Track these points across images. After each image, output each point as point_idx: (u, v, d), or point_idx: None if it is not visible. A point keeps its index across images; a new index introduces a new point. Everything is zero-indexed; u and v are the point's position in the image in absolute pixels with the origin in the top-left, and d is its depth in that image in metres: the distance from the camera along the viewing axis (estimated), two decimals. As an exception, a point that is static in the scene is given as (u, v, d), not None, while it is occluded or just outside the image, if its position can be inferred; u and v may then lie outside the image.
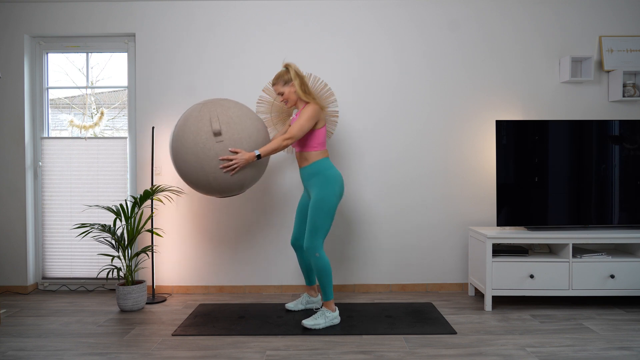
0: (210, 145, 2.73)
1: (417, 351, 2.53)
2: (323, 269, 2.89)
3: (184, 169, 2.82)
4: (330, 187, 2.92)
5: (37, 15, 3.73)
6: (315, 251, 2.89)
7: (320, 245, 2.90)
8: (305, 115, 2.89)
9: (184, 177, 2.87)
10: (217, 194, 2.90)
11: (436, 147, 3.72)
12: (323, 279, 2.90)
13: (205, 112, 2.79)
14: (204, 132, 2.74)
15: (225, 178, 2.78)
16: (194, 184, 2.86)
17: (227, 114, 2.80)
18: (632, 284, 3.19)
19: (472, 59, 3.71)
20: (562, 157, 3.38)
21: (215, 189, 2.84)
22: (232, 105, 2.89)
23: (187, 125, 2.80)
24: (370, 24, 3.70)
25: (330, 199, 2.91)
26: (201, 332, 2.84)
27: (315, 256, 2.88)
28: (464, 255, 3.73)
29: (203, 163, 2.74)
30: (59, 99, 3.92)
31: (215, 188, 2.83)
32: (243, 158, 2.77)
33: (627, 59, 3.67)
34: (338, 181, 2.96)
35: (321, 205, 2.90)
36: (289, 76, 2.99)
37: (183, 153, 2.78)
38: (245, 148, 2.80)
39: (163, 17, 3.71)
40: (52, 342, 2.71)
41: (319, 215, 2.89)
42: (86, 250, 3.84)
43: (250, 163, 2.84)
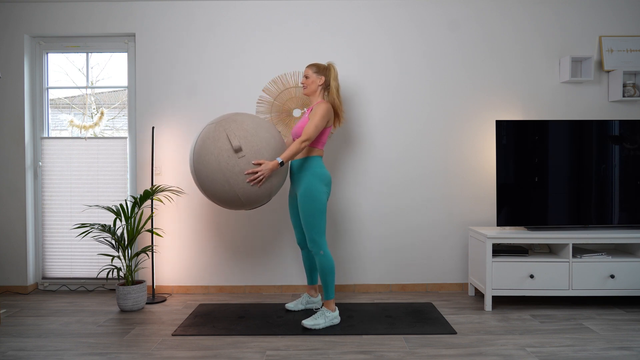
0: (234, 162, 2.76)
1: (417, 351, 2.53)
2: (327, 267, 2.90)
3: (212, 190, 2.84)
4: (317, 184, 2.92)
5: (37, 15, 3.73)
6: (319, 249, 2.90)
7: (324, 243, 2.91)
8: (319, 114, 2.90)
9: (212, 197, 2.89)
10: (247, 207, 2.93)
11: (436, 147, 3.72)
12: (326, 277, 2.91)
13: (220, 131, 2.81)
14: (225, 151, 2.76)
15: (254, 190, 2.82)
16: (224, 202, 2.88)
17: (242, 128, 2.82)
18: (632, 284, 3.19)
19: (472, 59, 3.71)
20: (562, 157, 3.38)
21: (244, 203, 2.87)
22: (245, 118, 2.91)
23: (205, 147, 2.81)
24: (370, 24, 3.70)
25: (319, 195, 2.91)
26: (201, 332, 2.84)
27: (320, 254, 2.90)
28: (464, 255, 3.73)
29: (230, 181, 2.77)
30: (59, 99, 3.92)
31: (245, 202, 2.86)
32: (267, 168, 2.78)
33: (627, 59, 3.67)
34: (325, 179, 2.96)
35: (311, 204, 2.90)
36: (327, 73, 3.03)
37: (209, 175, 2.80)
38: (266, 157, 2.82)
39: (163, 17, 3.71)
40: (52, 342, 2.71)
41: (311, 215, 2.90)
42: (86, 250, 3.84)
43: (274, 171, 2.86)
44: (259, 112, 3.69)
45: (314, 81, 3.02)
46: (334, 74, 3.02)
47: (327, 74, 3.03)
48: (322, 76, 3.03)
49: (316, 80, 3.02)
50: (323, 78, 3.03)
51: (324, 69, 3.04)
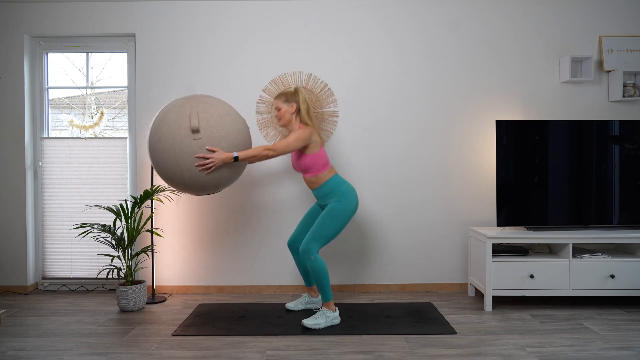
0: (188, 142, 2.68)
1: (417, 351, 2.53)
2: (319, 271, 2.88)
3: (160, 164, 2.77)
4: (346, 200, 2.95)
5: (37, 15, 3.73)
6: (310, 254, 2.88)
7: (316, 250, 2.90)
8: (295, 135, 2.88)
9: (159, 171, 2.82)
10: (191, 192, 2.86)
11: (436, 147, 3.72)
12: (320, 280, 2.90)
13: (186, 108, 2.75)
14: (183, 128, 2.69)
15: (200, 176, 2.74)
16: (169, 179, 2.81)
17: (208, 112, 2.76)
18: (632, 284, 3.19)
19: (472, 59, 3.71)
20: (562, 157, 3.38)
21: (189, 186, 2.79)
22: (215, 102, 2.84)
23: (166, 119, 2.75)
24: (370, 24, 3.70)
25: (346, 211, 2.93)
26: (201, 332, 2.84)
27: (311, 259, 2.88)
28: (464, 255, 3.73)
29: (179, 159, 2.70)
30: (59, 99, 3.92)
31: (190, 185, 2.78)
32: (219, 157, 2.72)
33: (627, 59, 3.67)
34: (353, 195, 2.98)
35: (334, 215, 2.91)
36: (295, 98, 2.99)
37: (160, 147, 2.74)
38: (223, 147, 2.75)
39: (163, 17, 3.71)
40: (52, 342, 2.71)
41: (328, 223, 2.90)
42: (86, 250, 3.84)
43: (227, 164, 2.80)
44: (259, 112, 3.69)
45: (286, 111, 2.99)
46: (302, 97, 2.99)
47: (296, 99, 3.00)
48: (293, 103, 2.99)
49: (288, 110, 2.99)
50: (294, 104, 2.99)
51: (292, 95, 3.00)
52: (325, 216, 2.93)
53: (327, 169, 3.00)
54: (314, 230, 2.91)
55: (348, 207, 2.95)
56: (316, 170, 2.98)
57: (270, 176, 3.72)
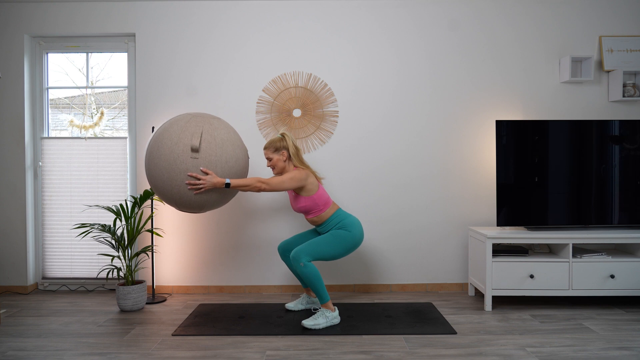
0: (184, 158, 2.69)
1: (417, 351, 2.53)
2: (311, 275, 2.87)
3: (153, 172, 2.77)
4: (352, 229, 2.96)
5: (37, 15, 3.73)
6: (299, 261, 2.87)
7: (307, 260, 2.88)
8: (290, 175, 2.89)
9: (150, 179, 2.82)
10: (175, 206, 2.85)
11: (436, 147, 3.72)
12: (314, 284, 2.89)
13: (192, 125, 2.76)
14: (183, 144, 2.70)
15: (188, 195, 2.74)
16: (157, 188, 2.80)
17: (211, 134, 2.76)
18: (632, 284, 3.19)
19: (472, 59, 3.71)
20: (562, 157, 3.38)
21: (175, 200, 2.79)
22: (221, 126, 2.84)
23: (169, 131, 2.76)
24: (370, 24, 3.70)
25: (350, 239, 2.94)
26: (201, 332, 2.84)
27: (300, 265, 2.87)
28: (464, 255, 3.73)
29: (172, 173, 2.70)
30: (59, 99, 3.92)
31: (176, 200, 2.78)
32: (211, 181, 2.71)
33: (627, 59, 3.67)
34: (358, 226, 2.99)
35: (338, 239, 2.92)
36: (282, 144, 2.99)
37: (156, 157, 2.74)
38: (217, 172, 2.75)
39: (163, 17, 3.71)
40: (52, 342, 2.71)
41: (329, 244, 2.91)
42: (86, 250, 3.84)
43: (218, 188, 2.79)
44: (259, 112, 3.69)
45: (278, 159, 3.00)
46: (290, 142, 3.00)
47: (285, 144, 3.00)
48: (283, 150, 3.00)
49: (280, 158, 3.00)
50: (284, 152, 2.99)
51: (280, 142, 3.00)
52: (327, 237, 2.93)
53: (328, 207, 3.01)
54: (311, 244, 2.90)
55: (352, 236, 2.95)
56: (317, 211, 3.00)
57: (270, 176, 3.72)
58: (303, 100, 3.67)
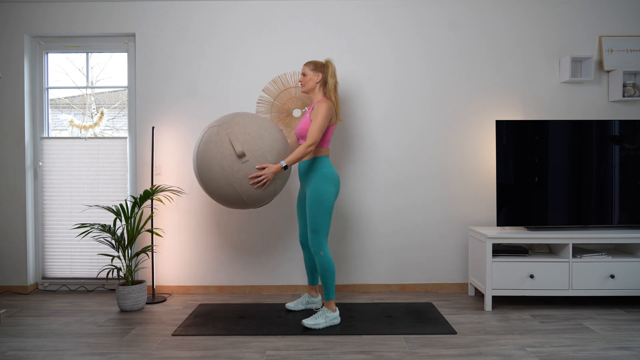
0: (238, 167, 2.76)
1: (417, 351, 2.53)
2: (327, 268, 2.90)
3: (217, 193, 2.85)
4: (325, 185, 2.92)
5: (37, 15, 3.73)
6: (319, 250, 2.90)
7: (325, 244, 2.91)
8: (322, 114, 2.89)
9: (217, 199, 2.90)
10: (252, 207, 2.95)
11: (436, 147, 3.72)
12: (326, 278, 2.91)
13: (223, 135, 2.80)
14: (228, 156, 2.77)
15: (258, 193, 2.83)
16: (230, 203, 2.89)
17: (244, 132, 2.81)
18: (632, 284, 3.19)
19: (472, 59, 3.71)
20: (562, 157, 3.38)
21: (248, 204, 2.88)
22: (247, 121, 2.89)
23: (208, 151, 2.81)
24: (370, 24, 3.70)
25: (327, 197, 2.91)
26: (201, 332, 2.84)
27: (320, 255, 2.90)
28: (464, 255, 3.73)
29: (234, 185, 2.78)
30: (59, 99, 3.92)
31: (250, 203, 2.88)
32: (271, 171, 2.78)
33: (627, 59, 3.67)
34: (333, 179, 2.96)
35: (318, 205, 2.90)
36: (324, 70, 3.02)
37: (213, 179, 2.81)
38: (270, 161, 2.82)
39: (163, 17, 3.71)
40: (52, 342, 2.71)
41: (317, 215, 2.90)
42: (86, 250, 3.84)
43: (278, 173, 2.86)
44: (259, 112, 3.69)
45: (311, 78, 3.02)
46: (332, 71, 3.02)
47: (324, 70, 3.03)
48: (320, 73, 3.02)
49: (313, 78, 3.02)
50: (320, 75, 3.02)
51: (321, 66, 3.03)
52: (310, 209, 2.92)
53: (324, 147, 3.00)
54: (310, 227, 2.92)
55: (328, 191, 2.92)
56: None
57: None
58: (303, 100, 3.67)
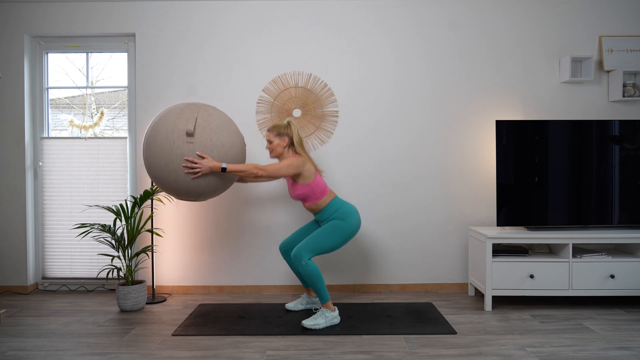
0: (180, 143, 2.71)
1: (417, 351, 2.53)
2: (313, 275, 2.88)
3: (149, 160, 2.79)
4: (349, 219, 2.96)
5: (37, 15, 3.73)
6: (301, 260, 2.88)
7: (308, 257, 2.90)
8: (288, 161, 2.90)
9: (148, 167, 2.83)
10: (174, 194, 2.86)
11: (436, 147, 3.72)
12: (316, 284, 2.90)
13: (187, 112, 2.78)
14: (178, 130, 2.72)
15: (186, 180, 2.75)
16: (155, 177, 2.82)
17: (206, 119, 2.79)
18: (632, 284, 3.19)
19: (472, 59, 3.71)
20: (562, 157, 3.38)
21: (173, 188, 2.80)
22: (216, 113, 2.87)
23: (165, 118, 2.79)
24: (370, 24, 3.70)
25: (347, 229, 2.95)
26: (201, 332, 2.84)
27: (302, 264, 2.88)
28: (464, 255, 3.73)
29: (167, 159, 2.72)
30: (59, 99, 3.92)
31: (174, 188, 2.79)
32: (207, 165, 2.71)
33: (627, 59, 3.67)
34: (355, 214, 3.00)
35: (335, 230, 2.93)
36: (286, 131, 3.01)
37: (153, 145, 2.76)
38: (214, 157, 2.75)
39: (163, 17, 3.71)
40: (52, 342, 2.71)
41: (327, 237, 2.92)
42: (86, 250, 3.84)
43: (215, 174, 2.79)
44: (259, 112, 3.69)
45: (278, 144, 3.00)
46: (295, 130, 3.02)
47: (288, 132, 3.02)
48: (285, 136, 3.00)
49: (280, 143, 3.00)
50: (286, 138, 3.00)
51: (284, 129, 3.02)
52: (325, 229, 2.94)
53: (325, 195, 3.01)
54: (310, 240, 2.91)
55: (350, 225, 2.97)
56: (315, 198, 3.01)
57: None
58: (303, 100, 3.67)
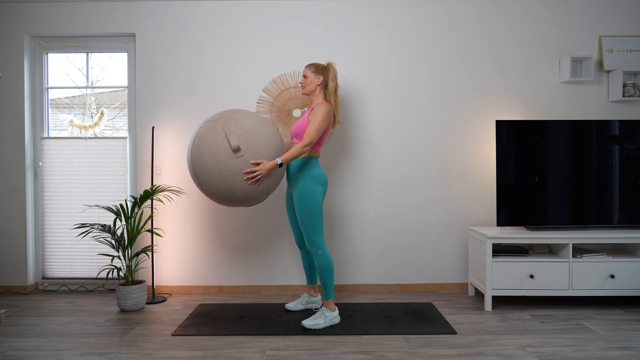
0: (232, 162, 2.75)
1: (417, 351, 2.53)
2: (326, 267, 2.90)
3: (210, 188, 2.83)
4: (313, 185, 2.92)
5: (37, 15, 3.73)
6: (318, 249, 2.90)
7: (322, 243, 2.91)
8: (320, 116, 2.89)
9: (210, 195, 2.88)
10: (244, 205, 2.93)
11: (436, 147, 3.72)
12: (325, 277, 2.91)
13: (219, 130, 2.79)
14: (223, 150, 2.75)
15: (251, 189, 2.82)
16: (221, 199, 2.87)
17: (240, 127, 2.80)
18: (632, 284, 3.19)
19: (472, 59, 3.71)
20: (562, 157, 3.38)
21: (242, 201, 2.87)
22: (244, 116, 2.88)
23: (203, 146, 2.80)
24: (370, 24, 3.70)
25: (314, 196, 2.91)
26: (201, 332, 2.84)
27: (319, 254, 2.90)
28: (464, 255, 3.73)
29: (228, 181, 2.77)
30: (59, 99, 3.92)
31: (243, 200, 2.87)
32: (265, 168, 2.77)
33: (627, 59, 3.67)
34: (321, 179, 2.96)
35: (307, 205, 2.90)
36: (324, 72, 3.02)
37: (206, 174, 2.79)
38: (265, 157, 2.81)
39: (163, 17, 3.71)
40: (52, 342, 2.71)
41: (307, 215, 2.90)
42: (86, 250, 3.84)
43: (272, 170, 2.85)
44: (259, 112, 3.69)
45: (312, 81, 3.02)
46: (333, 74, 3.02)
47: (325, 73, 3.03)
48: (321, 76, 3.02)
49: (314, 80, 3.02)
50: (321, 77, 3.02)
51: (322, 69, 3.03)
52: (299, 208, 2.91)
53: (316, 149, 3.00)
54: (303, 228, 2.92)
55: (314, 190, 2.91)
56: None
57: (270, 176, 3.72)
58: (303, 100, 3.67)
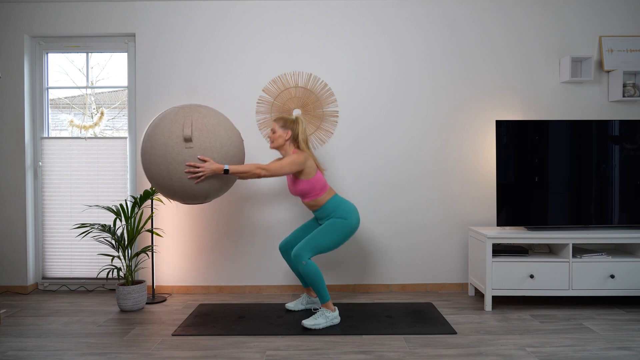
0: (179, 149, 2.69)
1: (417, 351, 2.53)
2: (313, 275, 2.88)
3: (151, 170, 2.78)
4: (349, 216, 2.97)
5: (37, 15, 3.73)
6: (301, 260, 2.88)
7: (308, 257, 2.90)
8: (290, 159, 2.89)
9: (149, 177, 2.82)
10: (179, 200, 2.85)
11: (436, 147, 3.72)
12: (316, 284, 2.90)
13: (180, 116, 2.76)
14: (176, 136, 2.70)
15: (189, 185, 2.74)
16: (158, 185, 2.80)
17: (202, 122, 2.76)
18: (632, 284, 3.19)
19: (471, 59, 3.71)
20: (562, 157, 3.38)
21: (178, 194, 2.79)
22: (210, 113, 2.85)
23: (160, 126, 2.76)
24: (370, 24, 3.70)
25: (346, 227, 2.96)
26: (201, 332, 2.84)
27: (302, 264, 2.88)
28: (464, 255, 3.73)
29: (169, 167, 2.70)
30: (59, 99, 3.92)
31: (179, 193, 2.78)
32: (210, 168, 2.70)
33: (627, 59, 3.67)
34: (354, 212, 3.00)
35: (334, 229, 2.93)
36: (293, 126, 3.01)
37: (152, 154, 2.74)
38: (215, 158, 2.75)
39: (163, 17, 3.71)
40: (52, 342, 2.71)
41: (326, 235, 2.92)
42: (86, 250, 3.84)
43: (217, 175, 2.79)
44: (259, 112, 3.70)
45: (280, 135, 3.00)
46: (302, 128, 3.02)
47: (294, 127, 3.02)
48: (289, 130, 3.00)
49: (283, 135, 3.00)
50: (289, 132, 3.00)
51: (291, 123, 3.02)
52: (324, 228, 2.94)
53: (325, 192, 3.02)
54: (309, 239, 2.92)
55: (349, 224, 2.97)
56: (314, 195, 3.01)
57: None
58: (303, 100, 3.67)
